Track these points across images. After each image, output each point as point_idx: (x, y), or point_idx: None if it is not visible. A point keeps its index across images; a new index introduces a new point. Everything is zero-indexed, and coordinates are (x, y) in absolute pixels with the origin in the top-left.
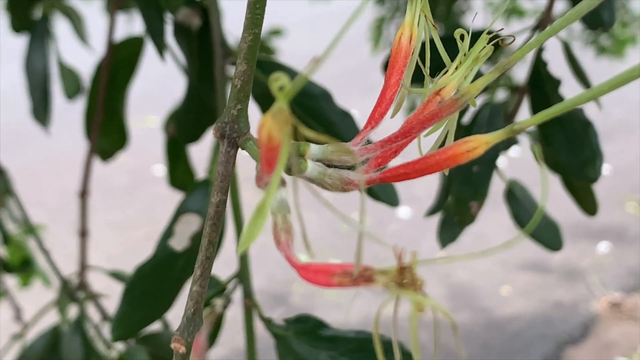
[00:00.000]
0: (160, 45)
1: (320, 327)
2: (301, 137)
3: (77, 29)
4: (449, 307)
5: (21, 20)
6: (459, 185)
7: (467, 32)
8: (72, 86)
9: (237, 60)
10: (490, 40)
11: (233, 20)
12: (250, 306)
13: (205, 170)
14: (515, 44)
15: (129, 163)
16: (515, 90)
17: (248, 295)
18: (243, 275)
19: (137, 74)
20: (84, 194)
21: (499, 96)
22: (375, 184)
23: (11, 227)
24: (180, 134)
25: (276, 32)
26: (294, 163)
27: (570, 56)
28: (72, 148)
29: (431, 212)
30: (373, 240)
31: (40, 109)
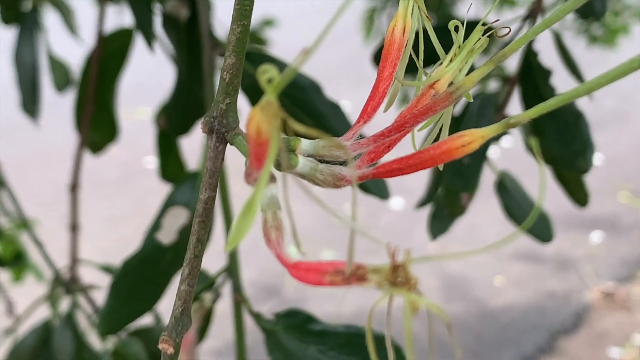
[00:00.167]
0: (149, 36)
1: (310, 321)
2: (291, 131)
3: (66, 21)
4: (441, 298)
5: (11, 12)
6: (450, 176)
7: (462, 23)
8: (61, 78)
9: (226, 52)
10: (485, 31)
11: (224, 11)
12: (239, 301)
13: (197, 163)
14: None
15: (120, 156)
16: (506, 81)
17: (237, 289)
18: (232, 270)
19: (128, 66)
20: (74, 187)
21: (489, 87)
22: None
23: (2, 221)
24: (170, 126)
25: (268, 22)
26: (284, 158)
27: (561, 46)
28: (62, 141)
29: (422, 203)
30: (365, 236)
31: (30, 102)
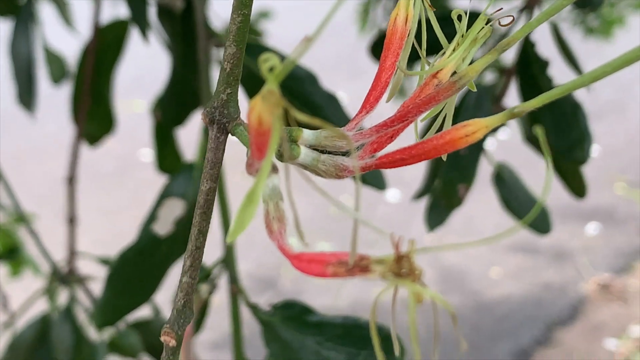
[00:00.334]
0: (144, 28)
1: (307, 312)
2: (293, 122)
3: (62, 13)
4: (438, 290)
5: (6, 4)
6: (447, 168)
7: (465, 12)
8: (57, 71)
9: (226, 42)
10: (487, 21)
11: (219, 2)
12: (236, 292)
13: (194, 155)
14: (510, 24)
15: (116, 148)
16: (503, 72)
17: (234, 281)
18: (228, 261)
19: (123, 59)
20: (72, 179)
21: (485, 79)
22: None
23: None
24: (165, 117)
25: (264, 14)
26: (286, 148)
27: (558, 37)
28: (57, 134)
29: (418, 195)
30: (367, 226)
31: (26, 94)
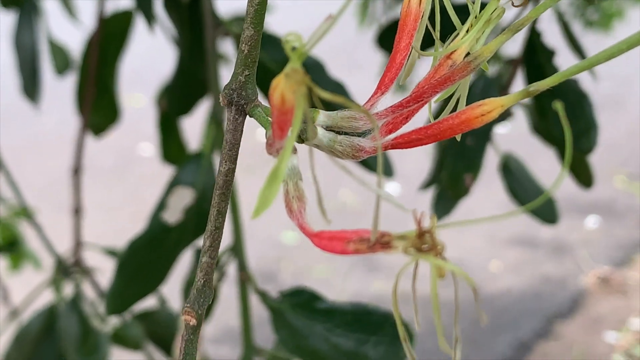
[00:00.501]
0: (149, 17)
1: (316, 299)
2: (309, 104)
3: (65, 4)
4: (438, 284)
5: None
6: (453, 158)
7: None
8: (61, 62)
9: (244, 24)
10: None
11: None
12: (245, 279)
13: (198, 145)
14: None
15: (115, 143)
16: (510, 62)
17: (243, 268)
18: (237, 248)
19: (126, 52)
20: (77, 170)
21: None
22: (369, 155)
23: None
24: (172, 107)
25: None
26: (310, 126)
27: (565, 26)
28: (58, 128)
29: (425, 185)
30: (389, 201)
31: (30, 86)
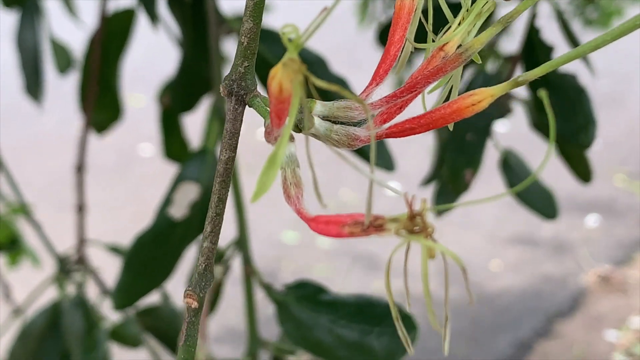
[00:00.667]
0: (152, 15)
1: (320, 292)
2: (306, 94)
3: (67, 4)
4: (438, 282)
5: None
6: (453, 153)
7: None
8: (63, 61)
9: (243, 17)
10: None
11: None
12: (249, 273)
13: (200, 142)
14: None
15: (115, 143)
16: (509, 59)
17: (247, 261)
18: (242, 242)
19: (128, 50)
20: (80, 168)
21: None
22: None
23: None
24: (175, 103)
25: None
26: (306, 115)
27: (563, 23)
28: (58, 127)
29: (426, 181)
30: (382, 185)
31: (33, 85)
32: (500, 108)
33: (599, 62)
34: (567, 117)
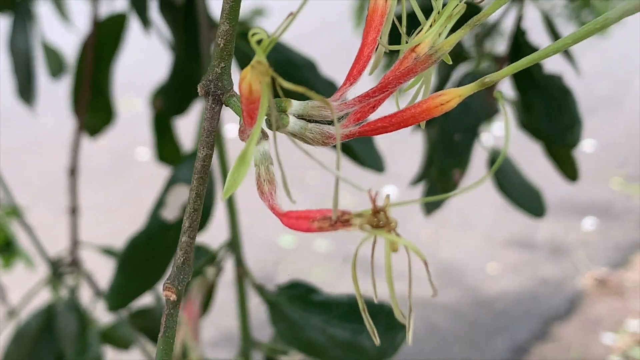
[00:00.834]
0: (145, 20)
1: (312, 292)
2: (283, 94)
3: (59, 9)
4: (438, 284)
5: (4, 1)
6: (442, 153)
7: None
8: (55, 65)
9: (220, 20)
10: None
11: None
12: (242, 274)
13: (192, 145)
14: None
15: (112, 147)
16: (496, 60)
17: (240, 263)
18: (234, 244)
19: (120, 56)
20: (73, 170)
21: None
22: (362, 151)
23: None
24: (167, 106)
25: (259, 12)
26: (274, 114)
27: (549, 24)
28: (57, 128)
29: (415, 181)
30: (347, 183)
31: (25, 89)
32: (488, 108)
33: (597, 65)
34: (553, 118)
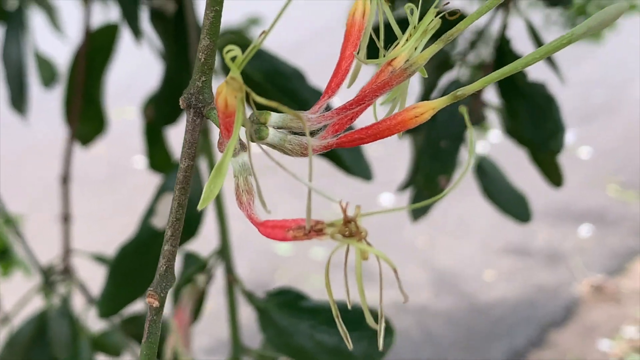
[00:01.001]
0: (136, 30)
1: (301, 298)
2: (263, 107)
3: (51, 19)
4: (431, 293)
5: None
6: (428, 160)
7: (417, 6)
8: (48, 75)
9: (201, 35)
10: (439, 13)
11: None
12: (232, 281)
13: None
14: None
15: (108, 155)
16: (481, 68)
17: (229, 270)
18: (224, 252)
19: (113, 67)
20: (65, 179)
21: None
22: (350, 160)
23: None
24: (158, 115)
25: (254, 21)
26: (248, 126)
27: (533, 33)
28: (48, 138)
29: (403, 187)
30: (320, 194)
31: (18, 99)
32: (474, 115)
33: (593, 72)
34: (538, 124)
